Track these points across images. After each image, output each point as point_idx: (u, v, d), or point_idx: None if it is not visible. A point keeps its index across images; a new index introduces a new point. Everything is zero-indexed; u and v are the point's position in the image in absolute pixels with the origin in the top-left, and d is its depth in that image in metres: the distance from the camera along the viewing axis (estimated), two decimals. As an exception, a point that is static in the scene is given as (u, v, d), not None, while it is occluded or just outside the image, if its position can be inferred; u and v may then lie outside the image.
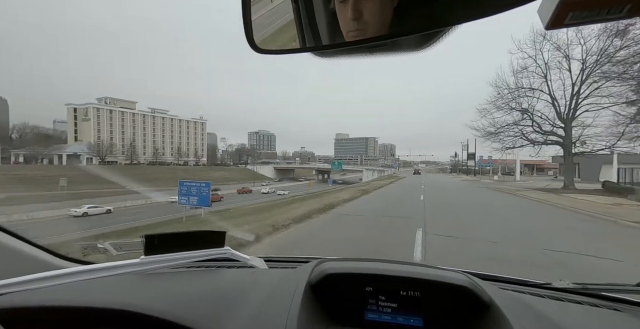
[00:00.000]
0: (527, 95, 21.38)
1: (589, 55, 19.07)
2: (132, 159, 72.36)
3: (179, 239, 0.87)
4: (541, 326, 0.60)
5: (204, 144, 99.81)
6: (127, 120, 78.93)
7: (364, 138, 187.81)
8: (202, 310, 0.68)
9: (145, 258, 0.81)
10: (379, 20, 0.42)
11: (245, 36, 0.51)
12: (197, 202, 18.17)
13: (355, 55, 0.50)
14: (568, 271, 3.99)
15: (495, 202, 13.83)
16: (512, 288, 0.96)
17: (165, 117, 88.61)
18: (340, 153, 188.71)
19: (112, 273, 0.77)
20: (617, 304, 0.86)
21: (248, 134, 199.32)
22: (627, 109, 18.88)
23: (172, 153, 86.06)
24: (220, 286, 0.84)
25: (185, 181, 20.72)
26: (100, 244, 1.49)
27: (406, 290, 0.70)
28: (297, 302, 0.66)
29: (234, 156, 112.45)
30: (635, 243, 6.19)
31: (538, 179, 44.88)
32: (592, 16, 0.36)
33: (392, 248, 5.20)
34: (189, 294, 0.76)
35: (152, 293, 0.77)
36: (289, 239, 6.01)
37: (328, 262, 0.83)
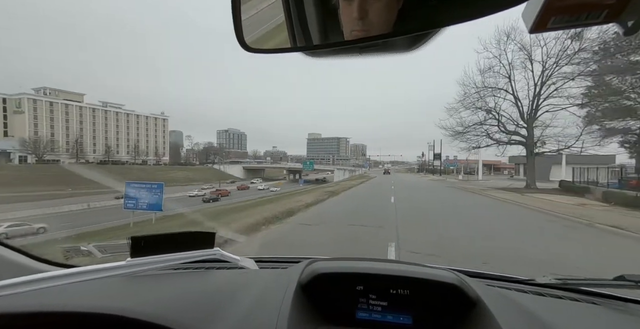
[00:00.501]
0: (493, 94, 21.62)
1: (549, 57, 19.64)
2: (79, 157, 64.52)
3: (166, 240, 0.83)
4: (524, 321, 0.62)
5: (165, 142, 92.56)
6: (72, 114, 70.27)
7: (336, 138, 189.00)
8: (192, 312, 0.67)
9: (132, 260, 0.77)
10: (383, 21, 0.41)
11: (235, 35, 0.50)
12: (147, 206, 15.93)
13: (346, 55, 0.50)
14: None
15: (466, 204, 13.25)
16: (498, 284, 0.97)
17: (119, 112, 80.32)
18: (312, 153, 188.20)
19: (97, 276, 0.72)
20: (595, 298, 0.89)
21: (217, 133, 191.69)
22: (579, 111, 19.94)
23: (128, 151, 78.46)
24: (210, 287, 0.83)
25: (134, 182, 18.07)
26: (83, 247, 1.45)
27: (396, 288, 0.71)
28: (287, 302, 0.66)
29: (201, 155, 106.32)
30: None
31: (497, 178, 47.30)
32: (572, 21, 0.39)
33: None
34: (178, 297, 0.75)
35: (139, 296, 0.76)
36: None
37: (319, 262, 0.82)
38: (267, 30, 0.50)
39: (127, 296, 0.76)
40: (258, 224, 7.23)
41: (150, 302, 0.71)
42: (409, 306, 0.70)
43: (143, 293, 0.78)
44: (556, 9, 0.37)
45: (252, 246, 5.48)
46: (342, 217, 8.89)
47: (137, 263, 0.77)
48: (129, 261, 0.76)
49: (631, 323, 0.75)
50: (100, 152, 71.96)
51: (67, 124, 69.04)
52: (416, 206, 11.85)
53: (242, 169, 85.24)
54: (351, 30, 0.43)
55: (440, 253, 4.91)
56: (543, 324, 0.61)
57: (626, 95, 18.91)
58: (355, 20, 0.42)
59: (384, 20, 0.41)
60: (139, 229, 12.13)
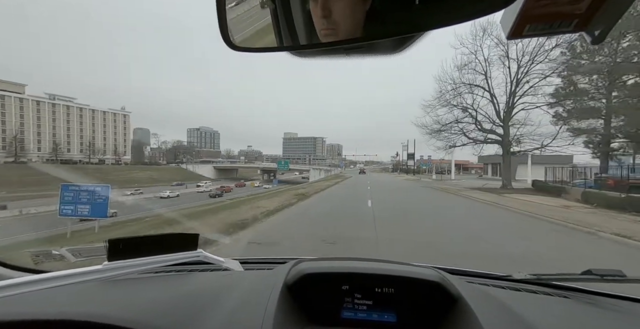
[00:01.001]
0: (470, 92, 21.04)
1: (524, 55, 19.41)
2: (18, 155, 56.71)
3: (147, 243, 0.79)
4: (502, 315, 0.64)
5: (127, 140, 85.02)
6: (10, 106, 61.75)
7: (312, 138, 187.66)
8: (173, 316, 0.65)
9: (109, 264, 0.72)
10: (349, 21, 0.42)
11: (220, 33, 0.48)
12: (90, 212, 13.20)
13: (332, 56, 0.51)
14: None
15: (448, 209, 12.10)
16: (477, 281, 0.99)
17: (70, 105, 72.15)
18: (288, 152, 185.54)
19: (70, 281, 0.66)
20: (567, 292, 0.93)
21: (187, 131, 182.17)
22: (552, 110, 20.04)
23: (81, 150, 70.67)
24: (193, 290, 0.81)
25: (72, 185, 14.96)
26: (55, 251, 1.40)
27: (381, 287, 0.72)
28: (273, 303, 0.65)
29: (169, 155, 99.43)
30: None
31: (467, 178, 48.37)
32: (546, 29, 0.41)
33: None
34: (158, 301, 0.73)
35: (117, 301, 0.74)
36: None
37: (305, 262, 0.82)
38: (253, 29, 0.50)
39: (103, 302, 0.74)
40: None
41: (127, 307, 0.69)
42: (394, 304, 0.71)
43: (120, 297, 0.77)
44: (531, 17, 0.39)
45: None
46: (309, 229, 7.12)
47: (114, 266, 0.71)
48: (105, 265, 0.71)
49: (598, 315, 0.78)
50: (47, 150, 63.95)
51: (2, 118, 60.57)
52: (396, 211, 10.40)
53: (213, 169, 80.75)
54: (320, 29, 0.44)
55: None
56: (519, 318, 0.63)
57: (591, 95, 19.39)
58: (319, 18, 0.42)
59: (350, 20, 0.42)
60: (78, 240, 9.94)
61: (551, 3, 0.38)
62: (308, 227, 7.26)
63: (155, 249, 0.77)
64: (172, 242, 0.81)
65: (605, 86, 18.39)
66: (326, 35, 0.44)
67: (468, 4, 0.37)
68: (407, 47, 0.46)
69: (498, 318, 0.61)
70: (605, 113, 18.94)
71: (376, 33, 0.43)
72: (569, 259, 4.87)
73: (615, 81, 17.74)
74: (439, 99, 21.60)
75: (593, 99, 19.21)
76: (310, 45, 0.48)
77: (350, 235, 6.15)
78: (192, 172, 78.20)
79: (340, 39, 0.43)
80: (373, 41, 0.45)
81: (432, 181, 36.31)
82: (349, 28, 0.42)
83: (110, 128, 79.68)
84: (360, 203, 11.83)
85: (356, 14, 0.41)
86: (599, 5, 0.37)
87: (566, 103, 19.90)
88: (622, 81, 17.85)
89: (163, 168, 76.77)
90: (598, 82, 18.74)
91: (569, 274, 0.93)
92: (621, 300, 0.90)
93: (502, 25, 0.45)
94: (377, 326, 0.70)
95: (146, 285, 0.84)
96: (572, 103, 19.73)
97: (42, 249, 1.50)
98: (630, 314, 0.81)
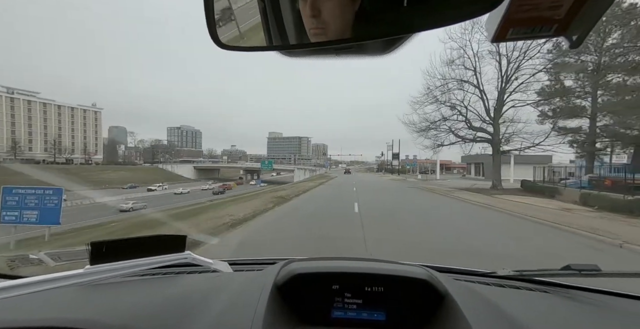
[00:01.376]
0: (459, 88, 20.12)
1: (514, 50, 18.73)
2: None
3: (132, 245, 0.76)
4: (487, 311, 0.66)
5: (98, 138, 79.51)
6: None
7: (298, 137, 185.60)
8: (160, 320, 0.64)
9: (92, 268, 0.70)
10: (339, 21, 0.42)
11: (208, 31, 0.48)
12: (38, 218, 11.15)
13: (322, 56, 0.51)
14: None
15: (441, 211, 10.91)
16: (464, 278, 1.00)
17: (32, 100, 66.28)
18: (273, 152, 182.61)
19: (49, 287, 0.63)
20: (547, 287, 0.95)
21: (167, 130, 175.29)
22: (537, 108, 19.50)
23: (46, 148, 65.05)
24: (180, 293, 0.80)
25: (17, 187, 12.52)
26: (33, 255, 1.34)
27: (371, 286, 0.72)
28: (262, 305, 0.64)
29: (147, 154, 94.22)
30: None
31: (451, 177, 48.43)
32: (528, 33, 0.43)
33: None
34: (144, 304, 0.71)
35: (100, 306, 0.72)
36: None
37: (295, 262, 0.81)
38: (242, 28, 0.49)
39: (84, 307, 0.72)
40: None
41: (110, 311, 0.68)
42: (383, 303, 0.71)
43: (103, 302, 0.75)
44: (514, 21, 0.41)
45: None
46: (283, 244, 5.56)
47: (97, 270, 0.69)
48: (87, 269, 0.69)
49: (576, 309, 0.80)
50: (5, 149, 58.20)
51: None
52: (386, 217, 9.03)
53: (193, 169, 77.17)
54: (309, 28, 0.44)
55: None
56: (502, 313, 0.65)
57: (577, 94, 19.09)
58: (309, 18, 0.42)
59: (339, 19, 0.42)
60: (24, 251, 7.79)
61: (533, 8, 0.39)
62: (282, 244, 5.69)
63: (141, 251, 0.74)
64: (159, 244, 0.78)
65: (591, 85, 18.08)
66: (315, 34, 0.44)
67: (454, 7, 0.37)
68: (395, 48, 0.46)
69: (483, 314, 0.62)
70: (590, 112, 18.71)
71: (365, 34, 0.43)
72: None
73: (600, 80, 17.45)
74: (428, 95, 20.57)
75: (579, 97, 18.94)
76: (300, 44, 0.48)
77: (335, 251, 4.69)
78: (170, 173, 74.43)
79: (330, 39, 0.43)
80: (362, 42, 0.45)
81: (418, 180, 35.68)
82: (338, 28, 0.42)
83: (79, 125, 74.07)
84: (345, 209, 10.38)
85: (345, 14, 0.41)
86: (577, 12, 0.39)
87: (554, 101, 19.50)
88: (607, 80, 17.59)
89: (139, 168, 72.28)
90: (584, 80, 18.41)
91: (549, 269, 0.96)
92: (597, 294, 0.92)
93: (487, 28, 0.46)
94: (367, 325, 0.70)
95: (131, 289, 0.82)
96: (559, 101, 19.38)
97: (19, 254, 1.43)
98: (606, 307, 0.83)
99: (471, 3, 0.36)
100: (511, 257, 4.52)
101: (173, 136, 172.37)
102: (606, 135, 18.13)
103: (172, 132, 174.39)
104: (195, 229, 6.70)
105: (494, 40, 0.45)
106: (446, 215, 9.75)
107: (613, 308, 0.83)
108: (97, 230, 11.94)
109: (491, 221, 8.64)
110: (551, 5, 0.39)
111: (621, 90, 16.94)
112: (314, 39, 0.44)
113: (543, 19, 0.41)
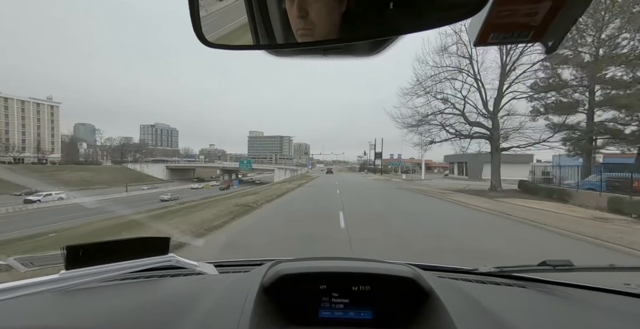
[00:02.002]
0: (454, 78, 17.87)
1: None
2: None
3: (111, 248, 0.73)
4: (469, 307, 0.68)
5: (55, 135, 71.46)
6: None
7: (279, 136, 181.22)
8: (141, 325, 0.61)
9: (67, 273, 0.66)
10: (326, 22, 0.42)
11: (193, 29, 0.46)
12: None
13: (310, 56, 0.51)
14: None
15: (448, 221, 8.47)
16: (447, 275, 1.02)
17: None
18: (254, 151, 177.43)
19: (20, 294, 0.60)
20: (525, 283, 0.98)
21: (141, 128, 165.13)
22: (530, 103, 17.88)
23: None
24: (163, 296, 0.77)
25: None
26: (1, 261, 1.22)
27: (358, 285, 0.72)
28: (249, 306, 0.63)
29: (115, 153, 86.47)
30: None
31: (434, 177, 47.33)
32: (507, 38, 0.46)
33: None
34: (125, 309, 0.68)
35: (77, 312, 0.68)
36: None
37: (283, 263, 0.81)
38: (229, 27, 0.48)
39: (60, 314, 0.67)
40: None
41: (87, 318, 0.64)
42: (370, 301, 0.72)
43: (80, 308, 0.71)
44: (494, 26, 0.43)
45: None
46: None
47: (73, 275, 0.66)
48: (63, 274, 0.65)
49: (551, 303, 0.83)
50: None
51: None
52: (383, 232, 6.30)
53: (166, 169, 71.43)
54: (296, 29, 0.44)
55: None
56: (483, 308, 0.67)
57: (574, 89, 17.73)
58: (296, 18, 0.42)
59: (326, 20, 0.42)
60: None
61: (511, 14, 0.42)
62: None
63: (122, 255, 0.71)
64: (141, 247, 0.75)
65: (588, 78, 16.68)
66: (303, 35, 0.43)
67: (438, 11, 0.38)
68: (382, 50, 0.47)
69: (465, 310, 0.64)
70: (587, 107, 17.40)
71: (352, 35, 0.43)
72: None
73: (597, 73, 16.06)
74: (420, 86, 18.16)
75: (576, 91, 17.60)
76: (287, 44, 0.48)
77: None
78: (139, 173, 68.42)
79: (317, 40, 0.43)
80: (349, 43, 0.46)
81: (403, 181, 33.82)
82: (325, 29, 0.42)
83: (31, 121, 65.91)
84: (328, 223, 7.62)
85: (333, 15, 0.41)
86: (552, 19, 0.41)
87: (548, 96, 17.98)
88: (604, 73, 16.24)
89: (103, 168, 65.56)
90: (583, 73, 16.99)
91: (527, 265, 0.99)
92: (571, 288, 0.95)
93: (469, 32, 0.48)
94: (354, 324, 0.70)
95: (111, 294, 0.79)
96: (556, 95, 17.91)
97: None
98: (578, 300, 0.86)
99: (455, 8, 0.37)
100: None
101: (147, 134, 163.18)
102: (606, 131, 16.74)
103: (145, 131, 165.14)
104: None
105: (476, 44, 0.47)
106: (461, 229, 7.27)
107: (584, 300, 0.86)
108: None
109: (528, 240, 6.23)
110: (528, 12, 0.41)
111: (618, 84, 15.61)
112: (301, 39, 0.44)
113: (521, 25, 0.43)
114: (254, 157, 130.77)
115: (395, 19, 0.40)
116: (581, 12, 0.42)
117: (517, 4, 0.41)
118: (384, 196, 16.17)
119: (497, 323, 0.61)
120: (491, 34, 0.45)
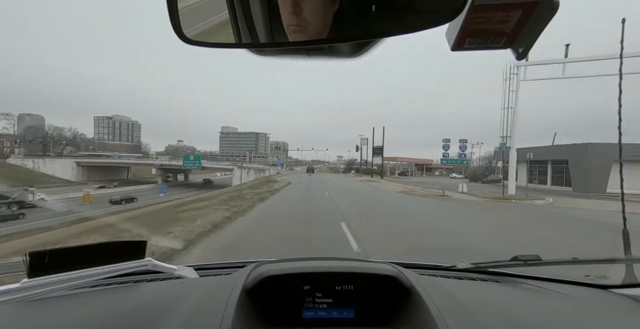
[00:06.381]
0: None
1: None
2: None
3: (81, 254, 0.67)
4: (447, 303, 0.66)
5: None
6: None
7: (255, 133, 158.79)
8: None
9: (30, 281, 0.60)
10: (318, 21, 0.41)
11: (171, 23, 0.43)
12: None
13: (292, 56, 0.48)
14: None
15: None
16: (428, 272, 1.03)
17: None
18: (227, 148, 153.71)
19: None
20: (499, 277, 1.00)
21: (95, 120, 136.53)
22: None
23: None
24: (140, 303, 0.68)
25: None
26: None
27: (341, 284, 0.70)
28: (230, 310, 0.58)
29: (33, 145, 61.22)
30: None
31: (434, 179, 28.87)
32: (482, 43, 0.47)
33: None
34: (97, 318, 0.60)
35: (43, 323, 0.59)
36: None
37: (265, 264, 0.76)
38: (209, 23, 0.45)
39: (21, 326, 0.58)
40: None
41: (55, 328, 0.56)
42: (353, 300, 0.70)
43: (47, 318, 0.60)
44: (470, 31, 0.44)
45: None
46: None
47: (37, 283, 0.60)
48: (24, 283, 0.60)
49: (523, 295, 0.86)
50: None
51: None
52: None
53: (76, 167, 47.89)
54: (288, 24, 0.41)
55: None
56: (459, 303, 0.67)
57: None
58: (289, 14, 0.40)
59: (319, 19, 0.40)
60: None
61: (486, 21, 0.43)
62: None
63: (93, 260, 0.65)
64: (114, 251, 0.70)
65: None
66: (294, 32, 0.41)
67: (418, 16, 0.38)
68: (363, 52, 0.46)
69: (443, 305, 0.64)
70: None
71: (337, 36, 0.42)
72: None
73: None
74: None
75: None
76: (270, 43, 0.46)
77: None
78: (31, 171, 44.74)
79: (307, 38, 0.42)
80: (334, 44, 0.44)
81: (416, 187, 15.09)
82: (317, 27, 0.41)
83: None
84: None
85: (326, 14, 0.40)
86: (522, 26, 0.43)
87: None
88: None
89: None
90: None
91: (501, 261, 1.01)
92: (540, 281, 0.99)
93: (447, 37, 0.49)
94: (337, 323, 0.68)
95: (81, 302, 0.68)
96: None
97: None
98: (547, 292, 0.89)
99: (433, 13, 0.37)
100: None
101: (102, 126, 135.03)
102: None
103: (100, 123, 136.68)
104: None
105: (454, 49, 0.48)
106: None
107: (552, 292, 0.88)
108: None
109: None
110: (501, 19, 0.42)
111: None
112: (291, 36, 0.42)
113: (495, 31, 0.44)
114: (225, 155, 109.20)
115: (378, 22, 0.39)
116: (547, 21, 0.42)
117: (491, 12, 0.41)
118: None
119: (472, 316, 0.61)
120: (468, 39, 0.45)
